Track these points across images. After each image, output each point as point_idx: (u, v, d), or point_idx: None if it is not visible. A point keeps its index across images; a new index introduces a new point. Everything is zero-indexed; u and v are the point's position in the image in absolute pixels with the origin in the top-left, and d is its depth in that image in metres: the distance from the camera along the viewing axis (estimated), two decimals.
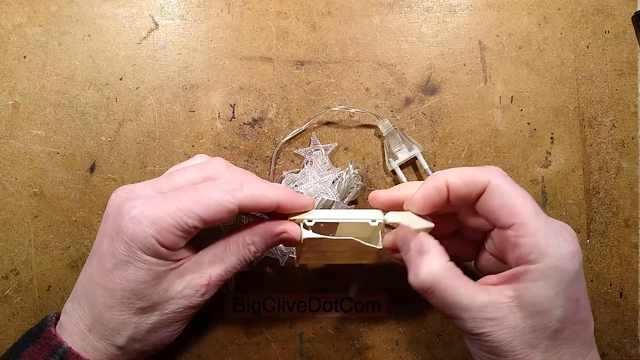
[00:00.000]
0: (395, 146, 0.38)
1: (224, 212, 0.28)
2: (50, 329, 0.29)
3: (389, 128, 0.38)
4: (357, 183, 0.37)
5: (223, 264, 0.30)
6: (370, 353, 0.39)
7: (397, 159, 0.38)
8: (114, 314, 0.28)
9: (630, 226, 0.39)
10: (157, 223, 0.27)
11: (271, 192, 0.30)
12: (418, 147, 0.38)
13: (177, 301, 0.29)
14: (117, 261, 0.27)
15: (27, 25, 0.39)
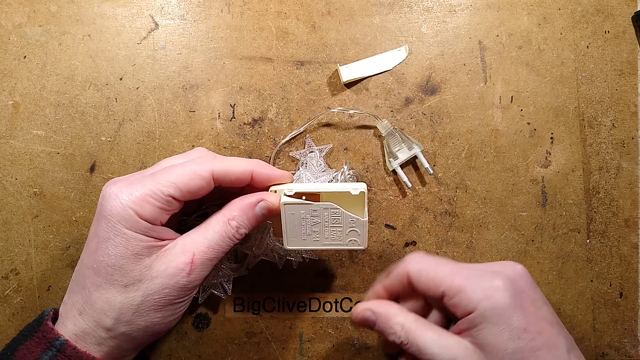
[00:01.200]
0: (395, 146, 0.38)
1: (197, 179, 0.29)
2: (47, 323, 0.29)
3: (388, 128, 0.38)
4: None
5: (206, 240, 0.30)
6: (370, 353, 0.39)
7: (398, 159, 0.38)
8: (100, 293, 0.29)
9: (630, 226, 0.39)
10: (134, 194, 0.28)
11: (245, 161, 0.31)
12: (418, 146, 0.38)
13: (161, 280, 0.29)
14: (100, 239, 0.28)
15: (27, 25, 0.39)
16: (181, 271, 0.29)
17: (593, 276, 0.39)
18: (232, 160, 0.32)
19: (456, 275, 0.29)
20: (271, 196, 0.32)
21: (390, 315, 0.31)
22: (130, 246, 0.29)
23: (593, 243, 0.39)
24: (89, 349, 0.29)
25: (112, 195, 0.28)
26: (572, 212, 0.39)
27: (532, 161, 0.39)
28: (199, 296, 0.37)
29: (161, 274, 0.29)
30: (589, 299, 0.39)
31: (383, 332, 0.31)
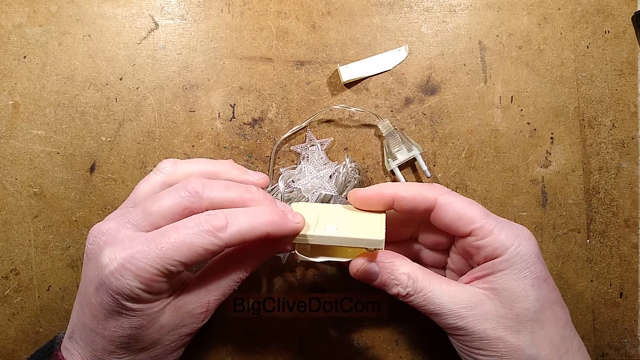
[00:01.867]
0: (394, 146, 0.38)
1: (207, 254, 0.26)
2: (57, 354, 0.28)
3: (389, 128, 0.38)
4: (355, 177, 0.37)
5: (220, 288, 0.29)
6: (370, 353, 0.39)
7: (396, 160, 0.38)
8: (115, 357, 0.28)
9: (630, 226, 0.39)
10: (140, 275, 0.25)
11: (259, 223, 0.27)
12: (417, 148, 0.38)
13: (177, 331, 0.29)
14: (108, 312, 0.26)
15: (27, 25, 0.39)
16: (196, 319, 0.29)
17: (593, 276, 0.39)
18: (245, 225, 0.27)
19: (490, 217, 0.29)
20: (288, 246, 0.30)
21: (396, 265, 0.30)
22: (144, 317, 0.27)
23: (593, 243, 0.39)
24: None
25: (114, 273, 0.25)
26: (572, 212, 0.39)
27: (532, 161, 0.39)
28: None
29: (177, 327, 0.29)
30: (589, 299, 0.39)
31: (385, 284, 0.30)
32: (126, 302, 0.26)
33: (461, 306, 0.28)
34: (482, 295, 0.28)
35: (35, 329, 0.38)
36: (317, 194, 0.36)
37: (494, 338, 0.28)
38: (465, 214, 0.29)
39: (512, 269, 0.28)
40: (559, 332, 0.28)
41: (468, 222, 0.29)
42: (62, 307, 0.38)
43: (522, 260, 0.28)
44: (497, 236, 0.28)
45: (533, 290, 0.28)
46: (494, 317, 0.28)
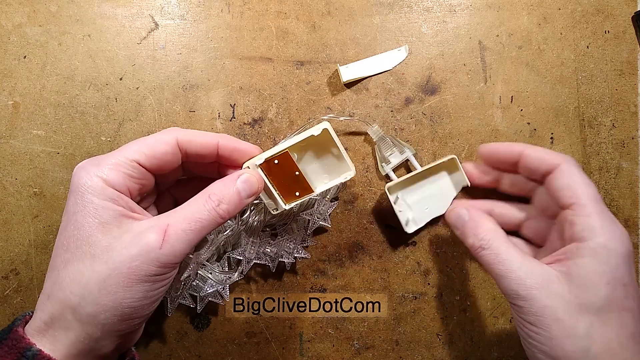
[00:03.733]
0: (386, 151, 0.38)
1: (161, 144, 0.29)
2: (17, 329, 0.26)
3: (379, 133, 0.38)
4: None
5: (182, 212, 0.28)
6: (370, 353, 0.39)
7: (390, 163, 0.38)
8: (68, 270, 0.27)
9: (630, 226, 0.39)
10: (100, 164, 0.28)
11: (210, 133, 0.31)
12: (410, 150, 0.38)
13: (129, 251, 0.26)
14: (69, 214, 0.28)
15: (27, 25, 0.39)
16: (153, 242, 0.27)
17: None
18: (197, 131, 0.31)
19: (599, 204, 0.29)
20: (251, 172, 0.31)
21: (484, 221, 0.32)
22: (98, 215, 0.27)
23: None
24: (58, 337, 0.26)
25: (79, 169, 0.28)
26: None
27: None
28: (197, 305, 0.37)
29: (130, 245, 0.27)
30: None
31: (467, 234, 0.32)
32: (85, 194, 0.28)
33: (529, 277, 0.28)
34: (554, 275, 0.28)
35: None
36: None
37: (550, 317, 0.27)
38: (577, 187, 0.29)
39: (593, 259, 0.28)
40: (619, 339, 0.27)
41: (573, 195, 0.29)
42: None
43: (606, 255, 0.27)
44: (593, 221, 0.28)
45: (606, 288, 0.27)
46: (557, 297, 0.28)
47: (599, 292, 0.27)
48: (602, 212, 0.29)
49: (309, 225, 0.38)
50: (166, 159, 0.30)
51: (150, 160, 0.29)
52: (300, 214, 0.37)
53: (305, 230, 0.38)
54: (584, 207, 0.29)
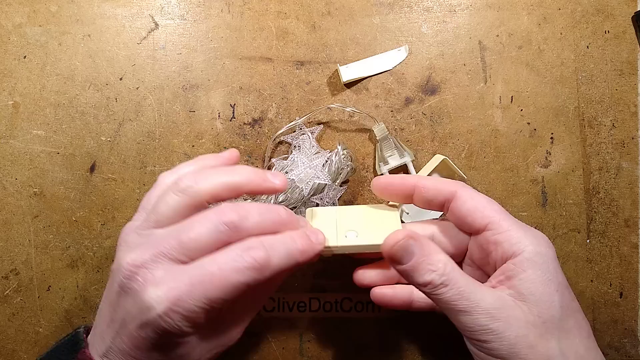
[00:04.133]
0: (387, 151, 0.38)
1: (249, 288, 0.26)
2: (85, 351, 0.27)
3: (384, 132, 0.38)
4: (347, 164, 0.37)
5: (254, 307, 0.30)
6: (370, 353, 0.39)
7: (388, 164, 0.38)
8: None
9: (630, 226, 0.39)
10: (188, 316, 0.25)
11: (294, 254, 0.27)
12: (409, 155, 0.38)
13: (214, 350, 0.29)
14: (153, 345, 0.26)
15: (27, 25, 0.39)
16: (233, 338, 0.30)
17: (593, 276, 0.39)
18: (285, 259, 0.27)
19: (508, 216, 0.29)
20: None
21: (433, 249, 0.27)
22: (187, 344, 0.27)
23: (593, 243, 0.39)
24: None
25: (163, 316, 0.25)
26: (572, 212, 0.39)
27: (532, 161, 0.39)
28: None
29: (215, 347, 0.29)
30: (589, 299, 0.39)
31: (418, 269, 0.27)
32: (173, 338, 0.26)
33: (493, 307, 0.26)
34: (509, 299, 0.26)
35: (35, 329, 0.38)
36: (310, 183, 0.36)
37: (525, 346, 0.25)
38: (484, 207, 0.29)
39: (535, 270, 0.26)
40: (583, 343, 0.27)
41: (485, 216, 0.28)
42: (62, 307, 0.38)
43: (543, 261, 0.27)
44: (515, 233, 0.27)
45: (557, 295, 0.26)
46: (524, 323, 0.26)
47: (553, 302, 0.26)
48: (517, 222, 0.28)
49: None
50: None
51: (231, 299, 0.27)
52: (310, 199, 0.37)
53: None
54: (500, 224, 0.28)
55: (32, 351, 0.38)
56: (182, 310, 0.25)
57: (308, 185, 0.36)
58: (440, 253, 0.27)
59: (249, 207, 0.28)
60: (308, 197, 0.37)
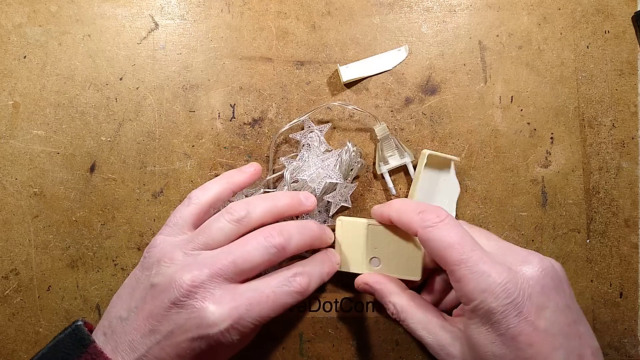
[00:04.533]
0: (387, 151, 0.38)
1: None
2: (95, 345, 0.29)
3: (385, 132, 0.38)
4: (357, 160, 0.38)
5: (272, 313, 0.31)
6: (370, 353, 0.39)
7: (388, 164, 0.38)
8: None
9: (630, 226, 0.39)
10: (243, 331, 0.28)
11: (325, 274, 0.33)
12: (409, 156, 0.38)
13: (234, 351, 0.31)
14: (197, 354, 0.28)
15: (27, 25, 0.39)
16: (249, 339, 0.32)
17: (593, 276, 0.39)
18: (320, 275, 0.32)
19: (468, 260, 0.28)
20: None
21: (385, 293, 0.34)
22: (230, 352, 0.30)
23: (593, 243, 0.39)
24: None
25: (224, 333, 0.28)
26: (572, 212, 0.39)
27: (532, 161, 0.39)
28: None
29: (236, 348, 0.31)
30: (589, 299, 0.39)
31: (382, 301, 0.34)
32: (221, 349, 0.29)
33: (438, 343, 0.30)
34: (456, 335, 0.30)
35: (35, 329, 0.38)
36: (323, 183, 0.36)
37: None
38: (442, 255, 0.29)
39: (477, 322, 0.28)
40: None
41: (444, 263, 0.29)
42: (62, 307, 0.38)
43: (487, 315, 0.27)
44: (465, 286, 0.27)
45: (494, 346, 0.27)
46: (462, 358, 0.29)
47: (488, 352, 0.27)
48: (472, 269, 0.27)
49: (330, 207, 0.38)
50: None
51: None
52: (322, 198, 0.37)
53: (327, 213, 0.38)
54: (454, 274, 0.28)
55: (32, 351, 0.38)
56: (240, 327, 0.28)
57: (320, 185, 0.36)
58: (392, 295, 0.33)
59: (290, 228, 0.31)
60: (320, 195, 0.37)
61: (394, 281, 0.34)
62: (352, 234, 0.35)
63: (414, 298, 0.33)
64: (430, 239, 0.29)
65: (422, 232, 0.30)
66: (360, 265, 0.35)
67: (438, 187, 0.39)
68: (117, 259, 0.38)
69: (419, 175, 0.37)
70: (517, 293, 0.27)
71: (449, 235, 0.29)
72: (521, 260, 0.28)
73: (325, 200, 0.38)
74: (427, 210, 0.30)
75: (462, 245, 0.28)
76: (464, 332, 0.29)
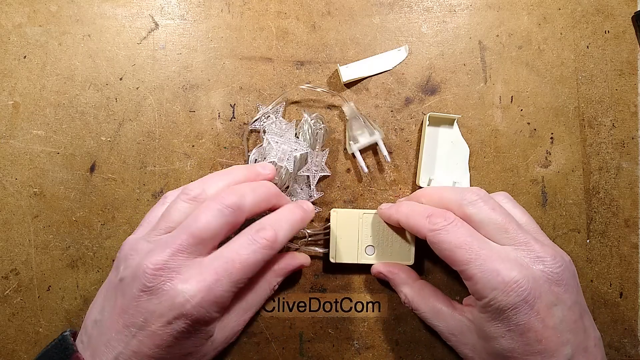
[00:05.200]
0: (357, 130, 0.38)
1: (264, 264, 0.30)
2: (77, 355, 0.28)
3: (353, 111, 0.38)
4: (320, 127, 0.38)
5: (255, 304, 0.34)
6: (370, 353, 0.39)
7: (358, 143, 0.38)
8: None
9: (630, 226, 0.39)
10: (219, 302, 0.28)
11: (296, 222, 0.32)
12: (379, 133, 0.38)
13: (219, 346, 0.32)
14: (178, 339, 0.28)
15: (27, 25, 0.39)
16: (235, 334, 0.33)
17: (593, 276, 0.39)
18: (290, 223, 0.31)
19: (477, 259, 0.28)
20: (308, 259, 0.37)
21: (397, 282, 0.36)
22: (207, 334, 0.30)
23: (593, 243, 0.39)
24: None
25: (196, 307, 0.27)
26: (572, 212, 0.39)
27: (532, 161, 0.39)
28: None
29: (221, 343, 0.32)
30: (589, 299, 0.39)
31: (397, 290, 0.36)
32: (201, 326, 0.28)
33: (448, 331, 0.32)
34: (465, 324, 0.31)
35: (35, 329, 0.38)
36: (292, 158, 0.36)
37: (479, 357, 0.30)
38: (452, 256, 0.29)
39: (486, 315, 0.28)
40: None
41: (453, 264, 0.29)
42: (62, 307, 0.38)
43: (496, 311, 0.28)
44: (475, 284, 0.28)
45: (503, 340, 0.28)
46: (472, 346, 0.31)
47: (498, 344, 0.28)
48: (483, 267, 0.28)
49: (309, 180, 0.38)
50: None
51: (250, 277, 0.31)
52: (298, 174, 0.37)
53: (308, 187, 0.38)
54: (464, 273, 0.29)
55: (32, 351, 0.38)
56: (213, 298, 0.27)
57: (290, 161, 0.36)
58: (404, 285, 0.35)
59: (242, 187, 0.30)
60: (296, 171, 0.37)
61: (406, 271, 0.36)
62: (347, 224, 0.37)
63: (424, 287, 0.35)
64: (439, 242, 0.29)
65: (431, 235, 0.30)
66: (355, 255, 0.37)
67: (446, 151, 0.39)
68: None
69: (424, 140, 0.38)
70: (527, 291, 0.27)
71: (457, 237, 0.29)
72: (534, 256, 0.28)
73: (304, 176, 0.38)
74: (435, 214, 0.30)
75: (470, 245, 0.29)
76: (474, 322, 0.30)
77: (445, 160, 0.39)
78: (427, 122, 0.38)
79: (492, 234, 0.30)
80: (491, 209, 0.30)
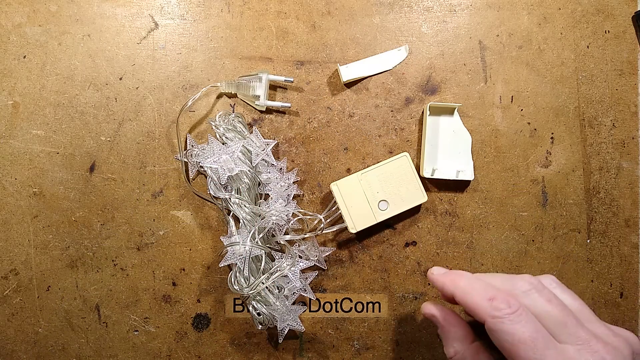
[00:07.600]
0: (249, 90, 0.38)
1: None
2: None
3: (230, 83, 0.38)
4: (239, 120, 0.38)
5: None
6: (370, 353, 0.39)
7: (261, 96, 0.38)
8: None
9: (630, 226, 0.39)
10: None
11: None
12: (265, 72, 0.38)
13: None
14: None
15: (27, 25, 0.39)
16: None
17: (593, 276, 0.39)
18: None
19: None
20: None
21: (450, 337, 0.31)
22: None
23: (593, 243, 0.39)
24: None
25: None
26: (572, 212, 0.39)
27: (533, 161, 0.39)
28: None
29: None
30: (589, 299, 0.39)
31: (443, 339, 0.32)
32: None
33: None
34: None
35: (35, 329, 0.38)
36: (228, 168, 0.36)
37: None
38: (512, 350, 0.27)
39: None
40: None
41: (513, 359, 0.27)
42: (62, 307, 0.38)
43: None
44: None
45: None
46: None
47: None
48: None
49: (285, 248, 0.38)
50: None
51: None
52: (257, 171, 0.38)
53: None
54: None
55: (32, 351, 0.38)
56: None
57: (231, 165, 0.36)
58: (455, 341, 0.31)
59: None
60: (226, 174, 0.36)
61: (464, 327, 0.32)
62: (350, 191, 0.37)
63: (480, 352, 0.30)
64: (501, 331, 0.27)
65: (492, 322, 0.27)
66: (372, 216, 0.37)
67: (448, 140, 0.39)
68: (116, 259, 0.38)
69: (425, 131, 0.38)
70: None
71: (522, 330, 0.27)
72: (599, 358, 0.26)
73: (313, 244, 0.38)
74: (498, 298, 0.28)
75: (536, 342, 0.26)
76: None
77: (447, 149, 0.39)
78: (428, 112, 0.38)
79: (549, 328, 0.27)
80: (547, 300, 0.28)
